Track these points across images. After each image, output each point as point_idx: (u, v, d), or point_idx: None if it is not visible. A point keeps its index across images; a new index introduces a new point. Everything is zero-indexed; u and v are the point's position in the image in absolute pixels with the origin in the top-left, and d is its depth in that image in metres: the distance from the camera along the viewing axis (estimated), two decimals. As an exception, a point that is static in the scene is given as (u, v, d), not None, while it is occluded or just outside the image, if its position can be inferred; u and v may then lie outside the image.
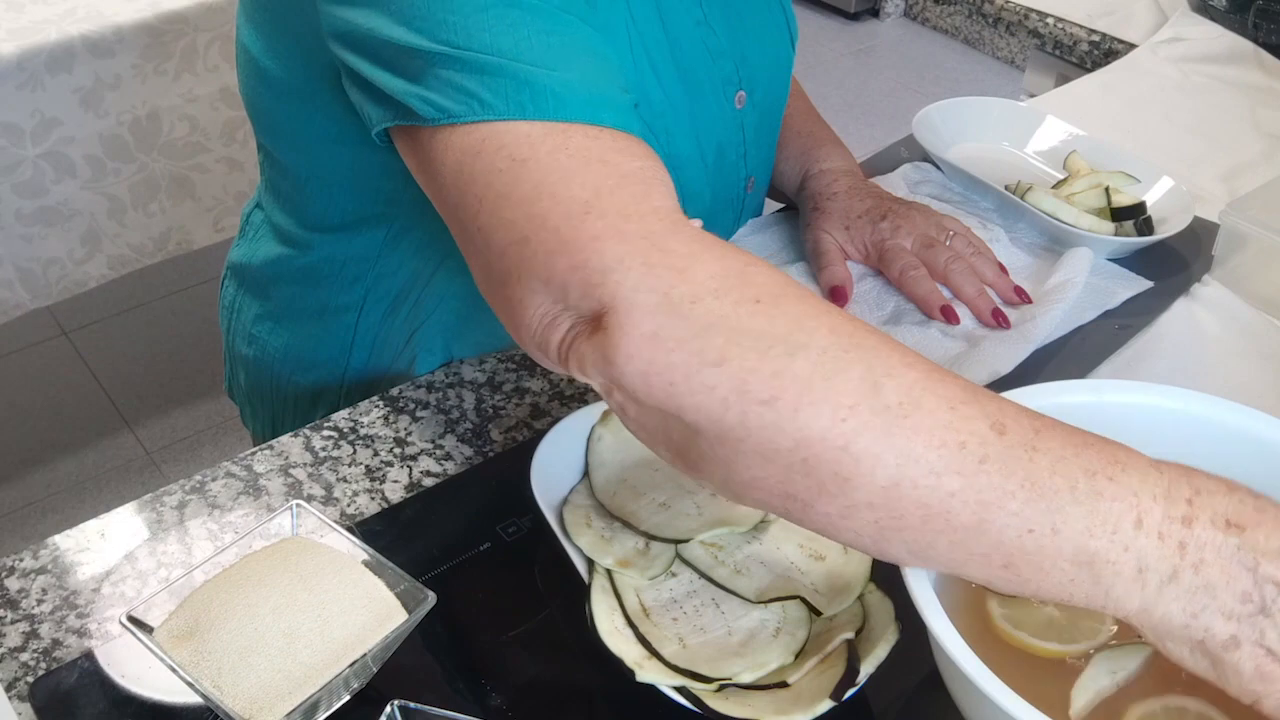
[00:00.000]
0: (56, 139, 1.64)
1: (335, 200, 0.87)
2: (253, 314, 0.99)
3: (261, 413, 1.04)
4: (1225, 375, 0.89)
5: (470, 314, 0.92)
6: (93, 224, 1.73)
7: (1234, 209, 0.96)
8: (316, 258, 0.91)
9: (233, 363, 1.04)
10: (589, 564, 0.68)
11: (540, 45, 0.62)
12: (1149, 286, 0.97)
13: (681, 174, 0.81)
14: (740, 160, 0.94)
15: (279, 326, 0.97)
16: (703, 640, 0.64)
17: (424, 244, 0.87)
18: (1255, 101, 1.27)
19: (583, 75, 0.62)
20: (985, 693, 0.52)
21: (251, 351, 1.00)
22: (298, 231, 0.91)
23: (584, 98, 0.61)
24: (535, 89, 0.60)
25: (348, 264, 0.90)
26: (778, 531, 0.71)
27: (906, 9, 3.88)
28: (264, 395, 1.02)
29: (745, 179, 0.96)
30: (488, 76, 0.61)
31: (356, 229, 0.88)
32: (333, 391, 0.98)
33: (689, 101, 0.85)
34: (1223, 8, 1.38)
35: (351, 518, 0.77)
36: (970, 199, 1.08)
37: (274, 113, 0.84)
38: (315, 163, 0.86)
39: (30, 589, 0.73)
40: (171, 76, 1.70)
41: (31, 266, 1.71)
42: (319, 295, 0.93)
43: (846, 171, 1.01)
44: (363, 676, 0.63)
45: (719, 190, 0.93)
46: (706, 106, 0.87)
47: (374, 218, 0.87)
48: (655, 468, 0.74)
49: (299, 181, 0.88)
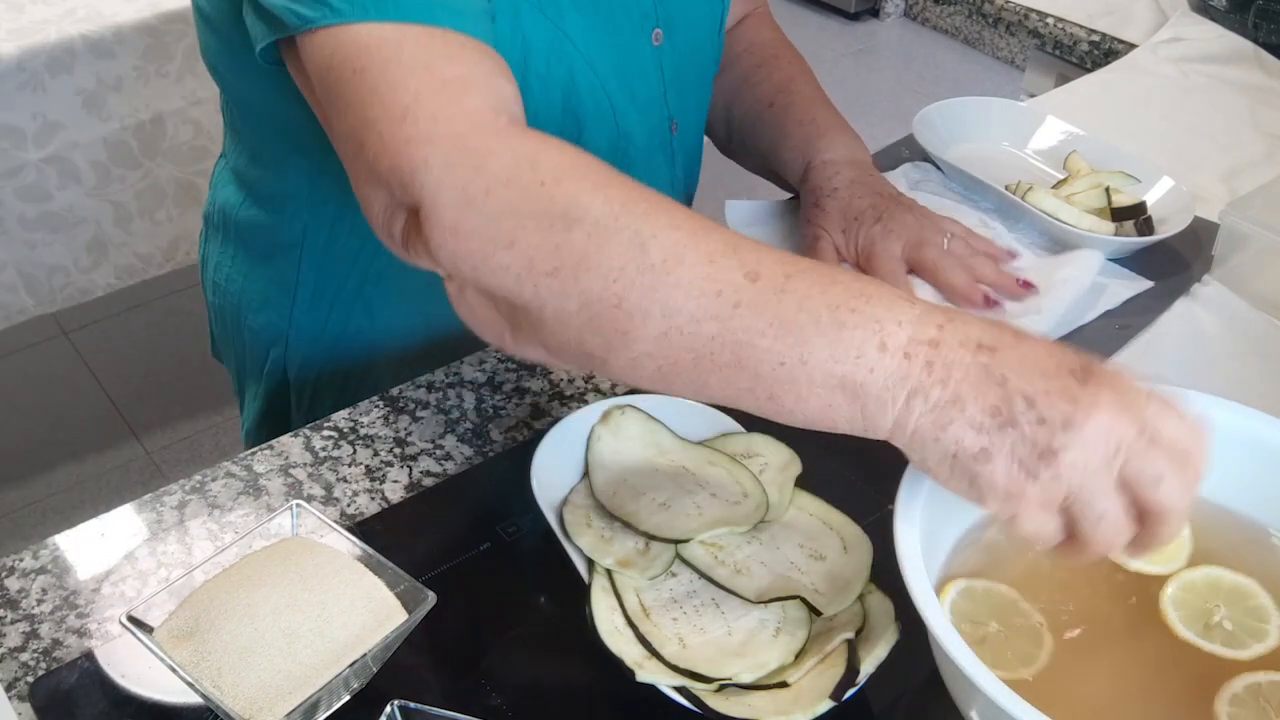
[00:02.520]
0: (60, 143, 1.63)
1: (263, 134, 0.92)
2: (215, 261, 1.03)
3: (229, 363, 1.08)
4: (1225, 375, 0.89)
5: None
6: (99, 232, 1.73)
7: (1234, 209, 0.96)
8: (261, 194, 0.95)
9: (209, 317, 1.09)
10: (589, 564, 0.68)
11: None
12: (1149, 286, 0.97)
13: (607, 106, 0.84)
14: (660, 99, 0.93)
15: (235, 272, 1.00)
16: (703, 640, 0.64)
17: (342, 175, 0.88)
18: (1255, 101, 1.27)
19: None
20: (985, 692, 0.52)
21: (216, 300, 1.04)
22: (246, 170, 0.95)
23: (423, 1, 0.65)
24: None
25: (286, 200, 0.93)
26: (778, 531, 0.71)
27: (906, 9, 3.88)
28: (229, 344, 1.06)
29: (667, 120, 0.96)
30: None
31: (285, 162, 0.91)
32: (281, 337, 0.99)
33: (605, 34, 0.85)
34: (1223, 8, 1.38)
35: (351, 518, 0.77)
36: (970, 199, 1.08)
37: (210, 50, 0.89)
38: (243, 96, 0.91)
39: (30, 589, 0.73)
40: (174, 78, 1.70)
41: (35, 272, 1.70)
42: (266, 235, 0.96)
43: (850, 162, 0.98)
44: (363, 676, 0.63)
45: (648, 131, 0.93)
46: (623, 40, 0.88)
47: (297, 149, 0.89)
48: (655, 468, 0.74)
49: (237, 119, 0.94)
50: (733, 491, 0.72)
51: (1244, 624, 0.63)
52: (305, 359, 0.99)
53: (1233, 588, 0.65)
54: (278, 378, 1.01)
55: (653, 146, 0.95)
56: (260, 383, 1.03)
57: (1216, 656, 0.62)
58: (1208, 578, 0.65)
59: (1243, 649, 0.62)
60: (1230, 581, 0.65)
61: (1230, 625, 0.63)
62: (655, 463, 0.75)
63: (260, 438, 1.05)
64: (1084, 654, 0.62)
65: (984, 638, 0.61)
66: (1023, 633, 0.62)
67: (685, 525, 0.69)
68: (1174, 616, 0.63)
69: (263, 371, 1.02)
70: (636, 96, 0.90)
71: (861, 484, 0.79)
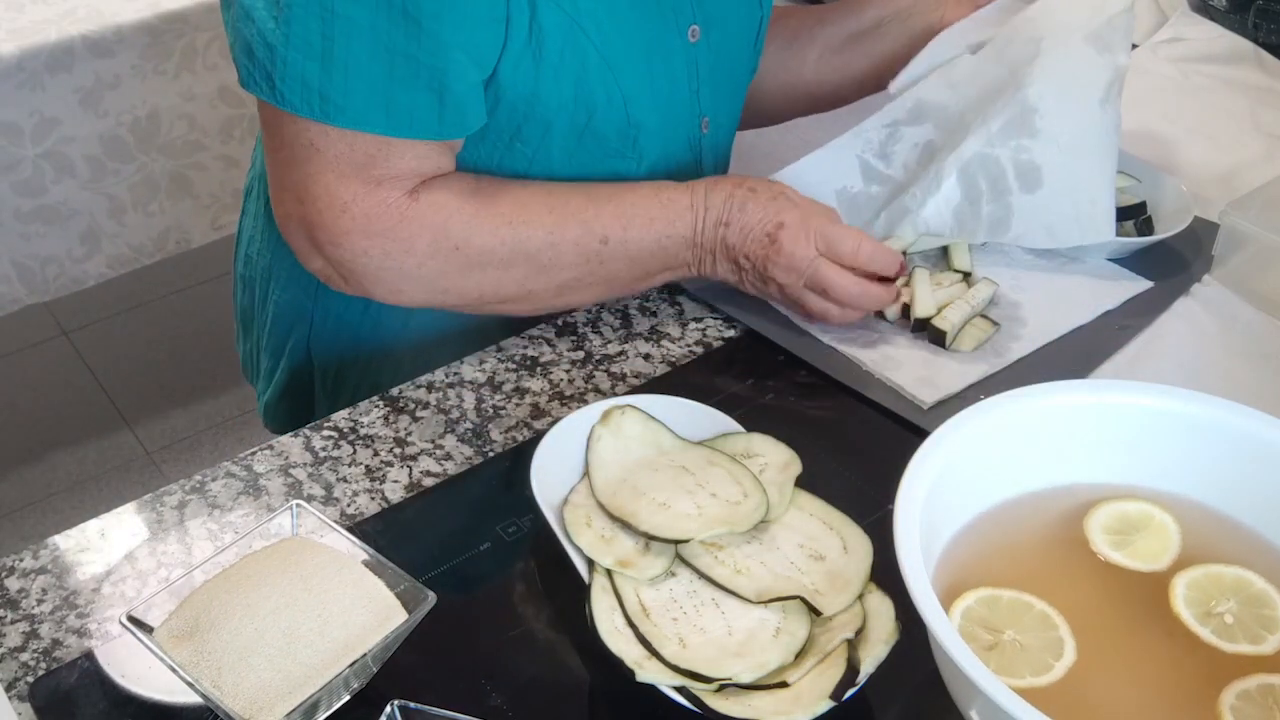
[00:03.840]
0: (56, 139, 1.64)
1: None
2: (249, 234, 1.05)
3: (250, 334, 1.09)
4: (1225, 375, 0.89)
5: None
6: (92, 223, 1.73)
7: (1234, 209, 0.96)
8: None
9: (235, 286, 1.11)
10: (589, 564, 0.68)
11: (342, 49, 0.77)
12: (1149, 287, 0.97)
13: (619, 99, 0.89)
14: (693, 96, 0.95)
15: (266, 244, 1.02)
16: (703, 640, 0.64)
17: None
18: (1255, 102, 1.27)
19: (370, 81, 0.78)
20: (985, 692, 0.52)
21: (246, 271, 1.06)
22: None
23: (361, 106, 0.79)
24: (324, 97, 0.78)
25: None
26: (778, 531, 0.71)
27: (906, 9, 3.87)
28: (254, 315, 1.07)
29: (699, 117, 0.97)
30: (287, 72, 0.78)
31: None
32: (305, 315, 1.00)
33: (628, 26, 0.87)
34: (1223, 8, 1.38)
35: (351, 518, 0.77)
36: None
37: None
38: None
39: (30, 589, 0.73)
40: (171, 76, 1.70)
41: (29, 263, 1.71)
42: None
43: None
44: (363, 676, 0.63)
45: (672, 124, 0.94)
46: (658, 35, 0.89)
47: None
48: (655, 468, 0.74)
49: None
50: (733, 491, 0.72)
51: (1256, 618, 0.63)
52: (330, 339, 1.00)
53: (1260, 592, 0.65)
54: (301, 356, 1.02)
55: (674, 140, 0.95)
56: (282, 358, 1.03)
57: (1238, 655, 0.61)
58: (1237, 579, 0.65)
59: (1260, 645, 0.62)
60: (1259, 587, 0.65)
61: (1231, 620, 0.63)
62: (655, 463, 0.75)
63: (281, 412, 1.07)
64: (1102, 668, 0.61)
65: (997, 644, 0.61)
66: (1042, 642, 0.61)
67: (685, 525, 0.69)
68: (1187, 614, 0.63)
69: (285, 348, 1.02)
70: (658, 90, 0.91)
71: (861, 484, 0.79)
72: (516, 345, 0.92)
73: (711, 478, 0.73)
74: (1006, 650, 0.61)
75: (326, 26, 0.76)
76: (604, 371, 0.90)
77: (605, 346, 0.92)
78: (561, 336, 0.93)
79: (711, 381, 0.88)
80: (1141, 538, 0.67)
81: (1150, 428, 0.69)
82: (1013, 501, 0.69)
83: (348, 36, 0.76)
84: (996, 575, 0.65)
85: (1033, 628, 0.62)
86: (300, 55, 0.77)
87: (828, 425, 0.85)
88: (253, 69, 0.79)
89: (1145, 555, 0.66)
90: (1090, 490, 0.69)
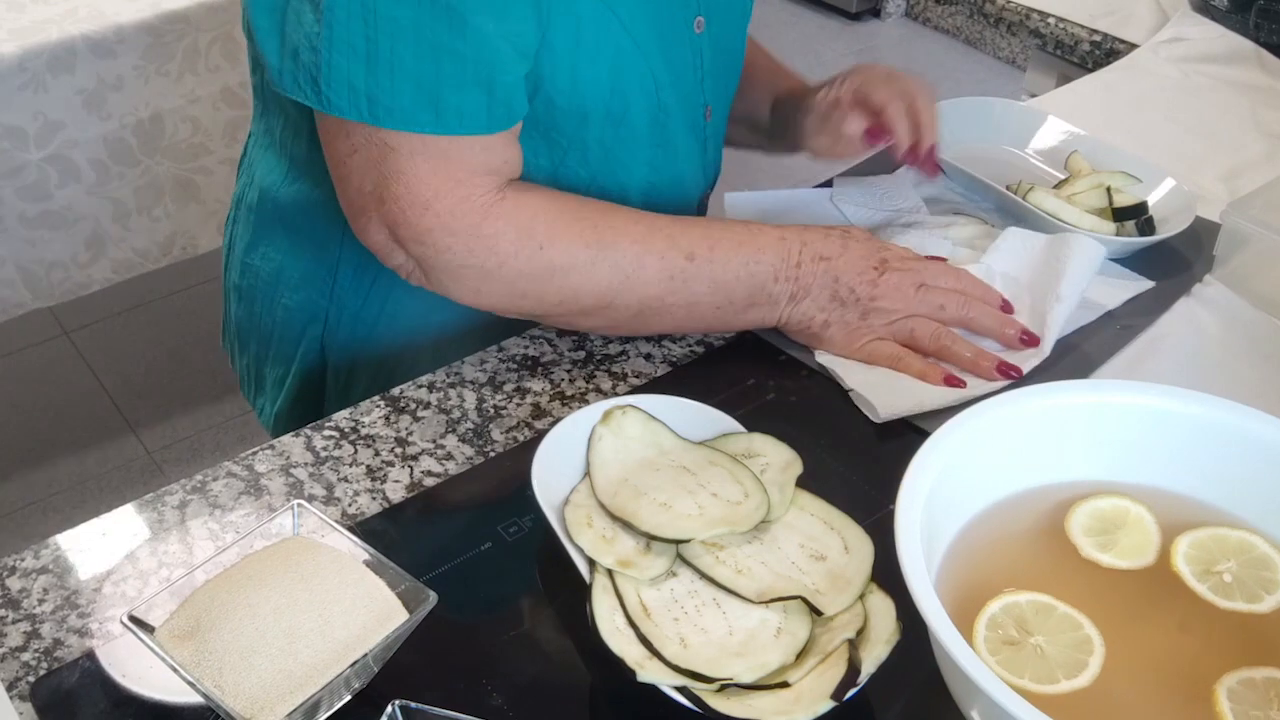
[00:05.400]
0: (60, 142, 1.63)
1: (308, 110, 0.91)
2: (246, 242, 1.03)
3: (248, 349, 1.07)
4: (1226, 375, 0.89)
5: None
6: (97, 228, 1.73)
7: (1235, 209, 0.96)
8: (307, 168, 0.94)
9: (227, 302, 1.09)
10: (590, 564, 0.68)
11: (387, 50, 0.76)
12: (1150, 287, 0.97)
13: (651, 86, 0.90)
14: (698, 86, 0.96)
15: (272, 250, 1.00)
16: (704, 640, 0.64)
17: None
18: (1256, 101, 1.27)
19: (418, 80, 0.77)
20: (986, 692, 0.52)
21: (244, 281, 1.04)
22: (293, 144, 0.95)
23: (409, 106, 0.78)
24: (372, 99, 0.77)
25: (318, 163, 0.92)
26: (779, 531, 0.71)
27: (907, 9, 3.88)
28: (253, 327, 1.05)
29: (703, 106, 0.98)
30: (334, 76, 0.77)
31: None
32: (320, 315, 0.99)
33: (652, 16, 0.88)
34: (1224, 8, 1.38)
35: (353, 518, 0.77)
36: (971, 199, 1.08)
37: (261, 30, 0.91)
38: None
39: (31, 589, 0.73)
40: (174, 78, 1.70)
41: (34, 268, 1.71)
42: (309, 210, 0.95)
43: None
44: (364, 676, 0.63)
45: (687, 112, 0.96)
46: (667, 24, 0.91)
47: None
48: (656, 468, 0.74)
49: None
50: (734, 491, 0.72)
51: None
52: (346, 337, 0.99)
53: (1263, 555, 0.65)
54: (314, 358, 1.01)
55: (685, 129, 0.96)
56: (293, 363, 1.03)
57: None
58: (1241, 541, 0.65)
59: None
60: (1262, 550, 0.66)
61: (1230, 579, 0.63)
62: (656, 463, 0.75)
63: (292, 420, 1.05)
64: (1126, 679, 0.61)
65: (1018, 650, 0.60)
66: (1069, 649, 0.61)
67: (686, 525, 0.69)
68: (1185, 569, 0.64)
69: (296, 352, 1.02)
70: (679, 80, 0.93)
71: (862, 484, 0.79)
72: (518, 345, 0.92)
73: (712, 478, 0.73)
74: (1031, 653, 0.60)
75: (370, 29, 0.76)
76: (605, 371, 0.90)
77: (606, 346, 0.92)
78: (563, 336, 0.93)
79: (713, 382, 0.88)
80: (1124, 534, 0.67)
81: (1151, 427, 0.69)
82: (1013, 500, 0.69)
83: (392, 37, 0.76)
84: (997, 574, 0.65)
85: (1059, 630, 0.62)
86: (345, 59, 0.76)
87: (829, 425, 0.85)
88: (298, 73, 0.78)
89: (1129, 553, 0.66)
90: (1092, 488, 0.70)
